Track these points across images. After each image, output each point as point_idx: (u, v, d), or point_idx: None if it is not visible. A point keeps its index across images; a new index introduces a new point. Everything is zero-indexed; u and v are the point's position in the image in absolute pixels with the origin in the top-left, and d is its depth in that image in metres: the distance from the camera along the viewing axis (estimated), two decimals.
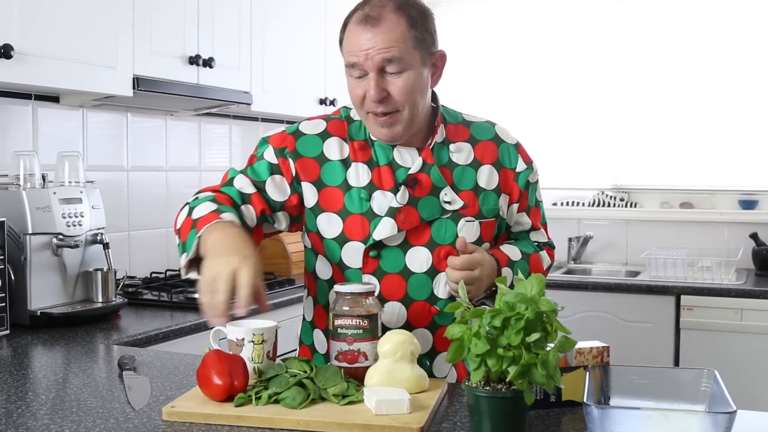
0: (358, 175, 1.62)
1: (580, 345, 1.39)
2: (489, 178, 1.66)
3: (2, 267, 2.09)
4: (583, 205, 4.26)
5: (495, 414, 1.15)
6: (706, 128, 4.06)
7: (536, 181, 1.74)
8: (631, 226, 4.16)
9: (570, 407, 1.39)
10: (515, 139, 1.74)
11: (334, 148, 1.64)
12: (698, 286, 3.44)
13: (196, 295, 1.57)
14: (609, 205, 4.21)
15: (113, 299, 2.37)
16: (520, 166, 1.70)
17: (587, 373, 1.29)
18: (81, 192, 2.36)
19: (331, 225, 1.62)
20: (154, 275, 2.95)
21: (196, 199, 1.57)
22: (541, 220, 1.78)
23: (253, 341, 1.45)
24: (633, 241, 4.14)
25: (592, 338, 1.60)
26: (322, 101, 3.55)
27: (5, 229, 2.09)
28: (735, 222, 3.96)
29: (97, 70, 2.38)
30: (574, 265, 4.12)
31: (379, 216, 1.59)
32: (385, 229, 1.58)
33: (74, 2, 2.30)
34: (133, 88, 2.50)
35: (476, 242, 1.63)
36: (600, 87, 4.23)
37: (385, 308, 1.59)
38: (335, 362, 1.47)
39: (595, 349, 1.40)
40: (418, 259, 1.61)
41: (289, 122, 2.35)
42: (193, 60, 2.75)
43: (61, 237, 2.26)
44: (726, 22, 4.00)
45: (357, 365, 1.45)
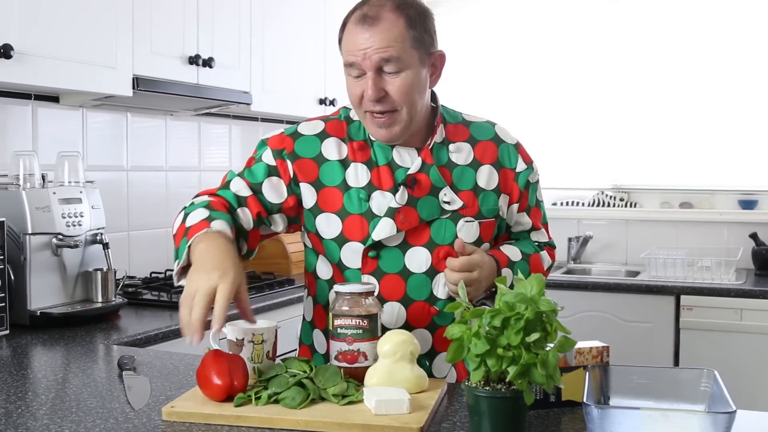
0: (357, 175, 1.62)
1: (579, 345, 1.39)
2: (489, 178, 1.66)
3: (2, 267, 2.09)
4: (583, 205, 4.26)
5: (495, 414, 1.15)
6: (705, 128, 4.06)
7: (536, 180, 1.73)
8: (631, 226, 4.16)
9: (570, 407, 1.39)
10: (515, 139, 1.73)
11: (333, 149, 1.64)
12: (698, 286, 3.44)
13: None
14: (609, 205, 4.20)
15: (113, 299, 2.37)
16: (520, 166, 1.69)
17: (587, 373, 1.29)
18: (81, 192, 2.36)
19: (330, 225, 1.62)
20: (153, 275, 2.94)
21: (192, 205, 1.57)
22: (542, 219, 1.78)
23: (252, 341, 1.45)
24: (633, 241, 4.14)
25: (591, 338, 1.60)
26: (322, 101, 3.55)
27: (5, 229, 2.09)
28: (735, 222, 3.95)
29: (97, 70, 2.38)
30: (573, 265, 4.12)
31: (378, 216, 1.59)
32: (384, 230, 1.58)
33: (74, 2, 2.30)
34: (133, 88, 2.50)
35: (476, 242, 1.63)
36: (600, 87, 4.23)
37: (384, 308, 1.59)
38: (335, 362, 1.47)
39: (595, 349, 1.40)
40: (417, 259, 1.61)
41: (289, 122, 2.35)
42: (193, 60, 2.75)
43: (60, 237, 2.26)
44: (726, 22, 4.00)
45: (357, 365, 1.45)
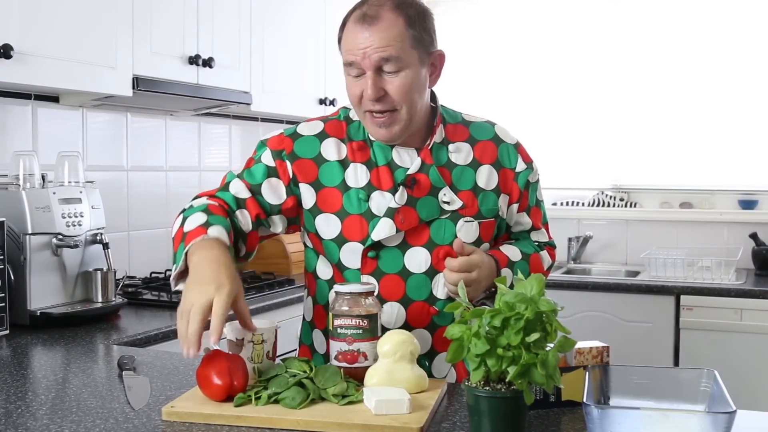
0: (357, 175, 1.62)
1: (579, 345, 1.39)
2: (488, 178, 1.66)
3: (2, 267, 2.09)
4: (582, 205, 4.26)
5: (495, 414, 1.15)
6: (705, 128, 4.06)
7: (536, 180, 1.73)
8: (631, 226, 4.16)
9: (570, 407, 1.39)
10: (515, 138, 1.73)
11: (332, 149, 1.64)
12: (698, 286, 3.44)
13: None
14: (609, 205, 4.20)
15: (113, 299, 2.37)
16: (520, 165, 1.69)
17: (587, 373, 1.29)
18: (81, 192, 2.36)
19: (330, 226, 1.62)
20: (153, 275, 2.94)
21: (191, 208, 1.57)
22: (542, 219, 1.78)
23: (252, 341, 1.45)
24: (633, 241, 4.13)
25: (591, 338, 1.60)
26: (322, 101, 3.55)
27: (5, 229, 2.09)
28: (735, 222, 3.95)
29: (97, 70, 2.38)
30: (573, 265, 4.12)
31: (377, 216, 1.59)
32: (383, 230, 1.58)
33: (74, 2, 2.30)
34: (133, 88, 2.50)
35: (475, 242, 1.62)
36: (600, 87, 4.23)
37: (383, 309, 1.59)
38: (335, 362, 1.47)
39: (595, 349, 1.40)
40: (416, 259, 1.61)
41: (289, 122, 2.35)
42: (193, 60, 2.75)
43: (60, 237, 2.26)
44: (726, 22, 4.00)
45: (357, 365, 1.45)
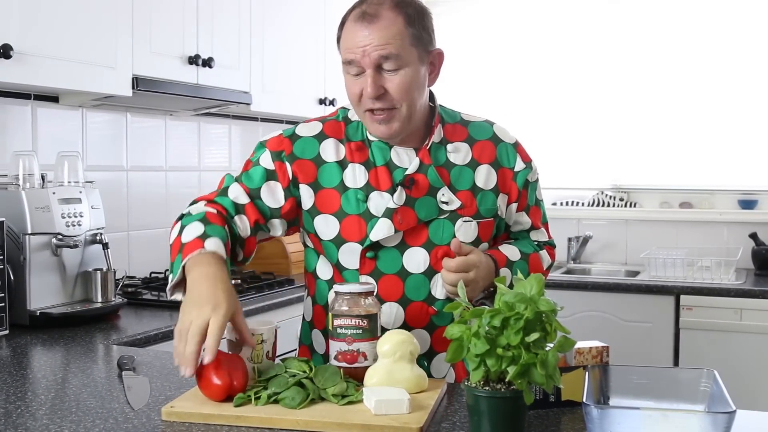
0: (355, 176, 1.61)
1: (579, 345, 1.39)
2: (487, 177, 1.66)
3: (2, 267, 2.09)
4: (582, 204, 4.26)
5: (494, 414, 1.15)
6: (705, 128, 4.06)
7: (536, 180, 1.73)
8: (631, 226, 4.16)
9: (569, 407, 1.39)
10: (514, 138, 1.73)
11: (331, 150, 1.64)
12: (698, 286, 3.44)
13: None
14: (608, 205, 4.20)
15: (112, 299, 2.37)
16: (519, 165, 1.69)
17: (586, 373, 1.29)
18: (80, 192, 2.36)
19: (328, 226, 1.62)
20: (153, 275, 2.94)
21: (189, 215, 1.56)
22: (542, 219, 1.78)
23: None
24: (632, 240, 4.13)
25: (591, 338, 1.60)
26: (322, 101, 3.55)
27: (5, 229, 2.09)
28: (734, 222, 3.95)
29: (96, 70, 2.38)
30: (573, 264, 4.12)
31: (376, 217, 1.59)
32: (381, 230, 1.58)
33: (74, 2, 2.30)
34: (133, 88, 2.50)
35: (474, 242, 1.62)
36: (599, 87, 4.23)
37: (382, 309, 1.59)
38: (335, 362, 1.47)
39: (595, 349, 1.40)
40: (415, 259, 1.61)
41: (288, 122, 2.35)
42: (193, 60, 2.75)
43: (60, 237, 2.25)
44: (725, 22, 4.00)
45: (356, 365, 1.45)
